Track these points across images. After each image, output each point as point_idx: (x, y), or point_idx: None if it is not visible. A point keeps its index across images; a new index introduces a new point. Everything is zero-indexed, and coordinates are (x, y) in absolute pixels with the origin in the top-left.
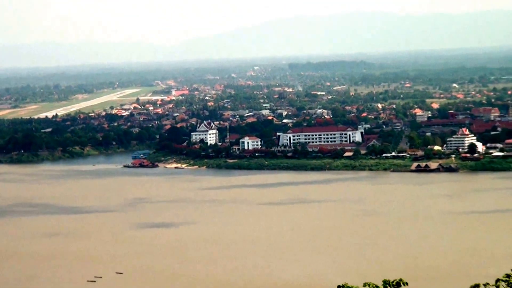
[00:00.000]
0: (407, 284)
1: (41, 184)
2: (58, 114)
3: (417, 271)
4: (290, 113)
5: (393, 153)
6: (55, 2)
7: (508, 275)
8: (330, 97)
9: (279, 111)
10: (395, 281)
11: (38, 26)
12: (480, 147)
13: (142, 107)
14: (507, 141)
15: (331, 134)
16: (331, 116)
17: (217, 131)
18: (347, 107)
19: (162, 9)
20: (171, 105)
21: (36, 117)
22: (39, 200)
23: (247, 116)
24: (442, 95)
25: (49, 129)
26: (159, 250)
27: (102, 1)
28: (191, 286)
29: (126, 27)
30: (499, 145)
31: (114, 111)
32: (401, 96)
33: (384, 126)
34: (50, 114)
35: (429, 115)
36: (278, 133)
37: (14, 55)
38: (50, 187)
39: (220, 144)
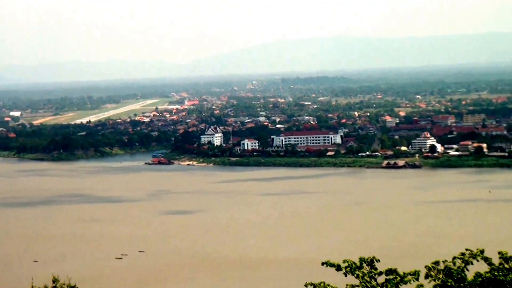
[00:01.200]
0: (379, 261)
1: (79, 178)
2: (91, 120)
3: (389, 251)
4: (282, 120)
5: (367, 153)
6: (89, 28)
7: (463, 253)
8: (315, 106)
9: (273, 118)
10: (369, 258)
11: (75, 46)
12: (439, 147)
13: (160, 114)
14: (462, 143)
15: (316, 137)
16: (316, 122)
17: (222, 135)
18: (329, 115)
19: (175, 34)
20: (184, 113)
21: (73, 123)
22: (78, 191)
23: (247, 122)
24: (407, 105)
25: (84, 133)
26: (178, 232)
27: (124, 26)
28: (203, 262)
29: (146, 48)
30: (455, 146)
31: (137, 118)
32: (374, 105)
33: (360, 130)
34: (84, 120)
35: (397, 121)
36: (272, 136)
37: (56, 71)
38: (86, 180)
39: (224, 145)
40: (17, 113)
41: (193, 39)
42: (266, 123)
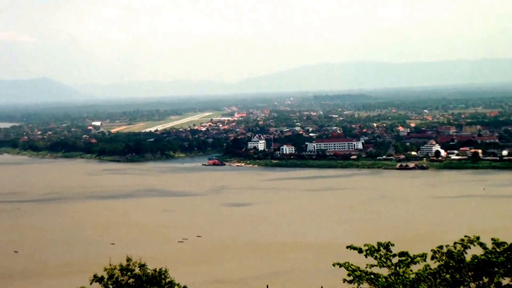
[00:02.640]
0: (393, 245)
1: (150, 176)
2: (158, 129)
3: (402, 236)
4: (314, 129)
5: (384, 156)
6: (158, 53)
7: (462, 239)
8: (341, 118)
9: (306, 127)
10: (385, 243)
11: (147, 68)
12: (443, 153)
13: (215, 124)
14: (461, 149)
15: (342, 144)
16: (342, 131)
17: (265, 141)
18: (352, 125)
19: (226, 57)
20: (234, 123)
21: (143, 131)
22: (151, 187)
23: (285, 131)
24: (417, 117)
25: (152, 139)
26: (230, 221)
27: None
28: (249, 245)
29: (203, 69)
30: (456, 151)
31: (195, 127)
32: (389, 118)
33: (377, 138)
34: (152, 129)
35: (408, 131)
36: (306, 143)
37: (130, 89)
38: (157, 178)
39: (267, 150)
40: (98, 123)
41: (241, 62)
42: (301, 132)
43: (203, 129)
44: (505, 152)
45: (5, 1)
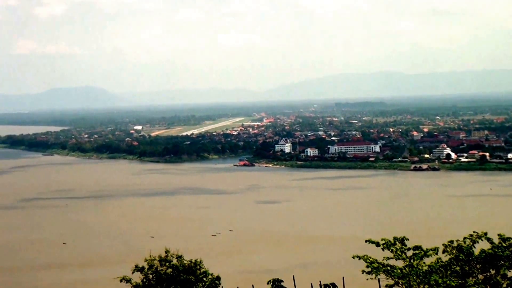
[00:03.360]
0: (408, 239)
1: (188, 175)
2: (194, 133)
3: (417, 231)
4: (336, 133)
5: (399, 159)
6: (196, 62)
7: (471, 235)
8: (360, 124)
9: (329, 132)
10: (401, 237)
11: (184, 77)
12: (453, 155)
13: (245, 129)
14: (470, 152)
15: (361, 147)
16: (361, 135)
17: (291, 144)
18: (371, 130)
19: (256, 67)
20: (262, 128)
21: (180, 134)
22: (190, 185)
23: (309, 135)
24: (429, 123)
25: (188, 142)
26: (261, 216)
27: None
28: (276, 238)
29: (235, 78)
30: (465, 154)
31: (227, 131)
32: (404, 123)
33: (393, 142)
34: (189, 133)
35: (422, 135)
36: (328, 146)
37: (168, 96)
38: (192, 177)
39: (292, 152)
40: (139, 127)
41: (269, 73)
42: (323, 136)
43: (235, 133)
44: (510, 155)
45: (60, 18)
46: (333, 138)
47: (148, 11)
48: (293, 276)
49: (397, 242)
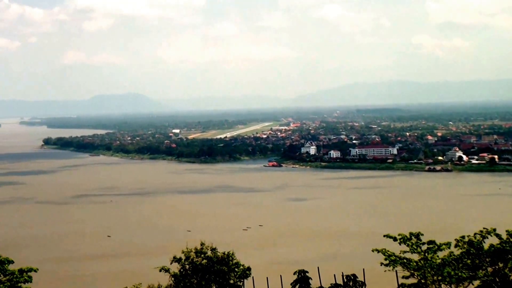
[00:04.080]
0: (423, 235)
1: (223, 175)
2: (227, 136)
3: (431, 228)
4: (356, 137)
5: (415, 161)
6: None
7: (481, 231)
8: (379, 128)
9: (350, 136)
10: (416, 233)
11: (217, 85)
12: (465, 158)
13: (274, 132)
14: (480, 154)
15: (379, 149)
16: (380, 139)
17: (316, 147)
18: (388, 134)
19: (283, 77)
20: (290, 132)
21: (214, 137)
22: (225, 184)
23: (332, 138)
24: (443, 128)
25: (222, 144)
26: (289, 212)
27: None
28: (302, 232)
29: (264, 86)
30: (476, 157)
31: (257, 135)
32: (419, 128)
33: (410, 145)
34: (222, 136)
35: (436, 139)
36: (350, 148)
37: (203, 103)
38: (226, 176)
39: (317, 154)
40: (177, 131)
41: (295, 81)
42: (345, 140)
43: (264, 136)
44: None
45: (106, 31)
46: (354, 141)
47: (187, 25)
48: (318, 267)
49: (412, 237)
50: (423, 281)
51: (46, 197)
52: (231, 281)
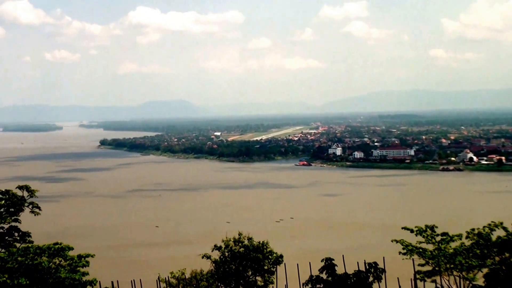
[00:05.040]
0: (437, 227)
1: (260, 173)
2: (263, 138)
3: (445, 221)
4: (378, 140)
5: (430, 161)
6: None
7: (489, 224)
8: (398, 132)
9: (372, 138)
10: (431, 225)
11: (253, 93)
12: (475, 159)
13: (304, 135)
14: (489, 156)
15: (398, 151)
16: (399, 142)
17: (341, 148)
18: (407, 137)
19: (312, 86)
20: (318, 135)
21: (251, 139)
22: (259, 180)
23: (356, 141)
24: (455, 132)
25: (258, 146)
26: (318, 206)
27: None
28: (330, 224)
29: (296, 94)
30: (485, 158)
31: (290, 137)
32: (434, 132)
33: (425, 147)
34: (258, 138)
35: (449, 142)
36: (372, 150)
37: (242, 108)
38: (262, 174)
39: (342, 154)
40: (218, 133)
41: (323, 89)
42: (368, 142)
43: (296, 138)
44: None
45: (156, 44)
46: (376, 143)
47: (227, 39)
48: (343, 255)
49: (428, 229)
50: (437, 268)
51: (104, 191)
52: (266, 267)
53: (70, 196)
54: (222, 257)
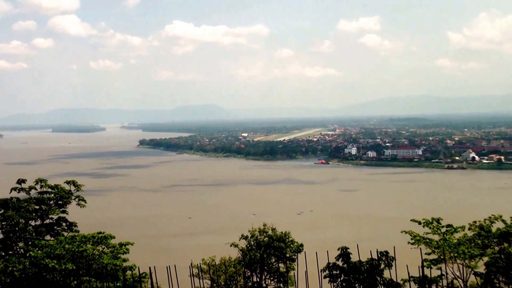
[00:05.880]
0: (442, 219)
1: (284, 170)
2: (285, 139)
3: (449, 214)
4: (389, 141)
5: (436, 160)
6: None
7: (489, 217)
8: (408, 133)
9: (384, 139)
10: (437, 218)
11: (276, 98)
12: (477, 158)
13: (323, 136)
14: (490, 156)
15: (407, 151)
16: (408, 142)
17: (356, 148)
18: (415, 138)
19: (330, 92)
20: (335, 136)
21: (275, 140)
22: (287, 177)
23: (370, 141)
24: (459, 134)
25: (281, 145)
26: (336, 200)
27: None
28: (345, 217)
29: (315, 99)
30: (486, 157)
31: (310, 138)
32: (440, 134)
33: (432, 148)
34: (281, 139)
35: (453, 143)
36: (383, 150)
37: (266, 112)
38: (285, 171)
39: (357, 154)
40: (245, 134)
41: (340, 95)
42: (380, 143)
43: (315, 139)
44: None
45: (190, 54)
46: (387, 144)
47: (254, 50)
48: (357, 245)
49: (434, 221)
50: (442, 257)
51: (143, 186)
52: (287, 255)
53: (112, 190)
54: (248, 245)
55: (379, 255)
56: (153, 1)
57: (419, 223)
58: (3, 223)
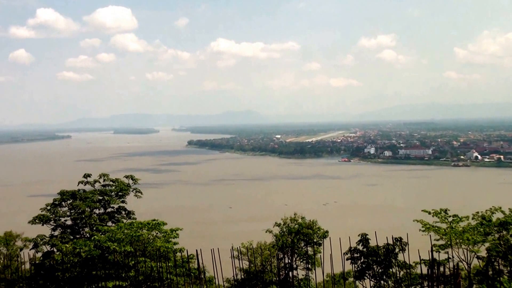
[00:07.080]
0: (449, 210)
1: (310, 167)
2: (313, 140)
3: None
4: (403, 142)
5: (444, 159)
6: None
7: (490, 208)
8: (419, 136)
9: (399, 141)
10: (444, 209)
11: (304, 105)
12: (479, 157)
13: (345, 138)
14: (491, 155)
15: (419, 150)
16: (419, 143)
17: (374, 148)
18: (425, 140)
19: (352, 100)
20: (356, 137)
21: (304, 141)
22: (316, 173)
23: (386, 142)
24: (464, 136)
25: (309, 146)
26: (358, 193)
27: (328, 94)
28: (363, 207)
29: (339, 105)
30: (487, 156)
31: (334, 139)
32: (448, 136)
33: (440, 148)
34: (310, 140)
35: (459, 144)
36: (398, 150)
37: (296, 116)
38: (313, 168)
39: (375, 153)
40: (278, 136)
41: (362, 103)
42: (395, 143)
43: (339, 140)
44: None
45: (232, 67)
46: (401, 144)
47: (286, 63)
48: (375, 232)
49: (442, 212)
50: (448, 243)
51: (192, 180)
52: (315, 240)
53: (166, 184)
54: (281, 231)
55: (394, 241)
56: (200, 21)
57: (429, 213)
58: (71, 211)
